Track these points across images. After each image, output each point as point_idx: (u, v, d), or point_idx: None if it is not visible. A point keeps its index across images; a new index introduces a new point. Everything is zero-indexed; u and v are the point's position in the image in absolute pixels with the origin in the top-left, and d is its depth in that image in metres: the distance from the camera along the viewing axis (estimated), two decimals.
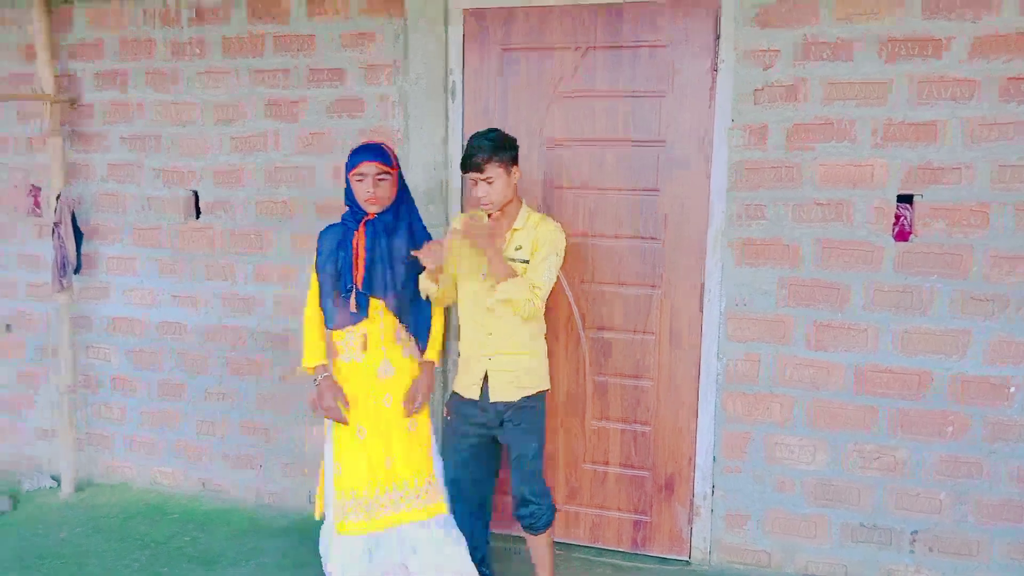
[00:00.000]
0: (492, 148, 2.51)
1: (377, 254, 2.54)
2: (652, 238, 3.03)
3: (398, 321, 2.61)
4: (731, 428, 3.02)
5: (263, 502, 3.63)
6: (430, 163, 3.19)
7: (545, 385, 2.71)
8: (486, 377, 2.62)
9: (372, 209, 2.54)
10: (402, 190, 2.63)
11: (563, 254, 2.64)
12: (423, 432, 2.68)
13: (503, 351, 2.61)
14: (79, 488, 3.74)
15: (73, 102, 3.59)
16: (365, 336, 2.58)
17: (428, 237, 2.65)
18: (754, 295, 2.95)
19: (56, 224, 3.51)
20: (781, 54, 2.83)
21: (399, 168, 2.61)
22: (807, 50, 2.81)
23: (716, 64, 2.89)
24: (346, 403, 2.58)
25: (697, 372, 3.03)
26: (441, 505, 2.66)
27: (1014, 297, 2.73)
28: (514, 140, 2.61)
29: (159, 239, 3.63)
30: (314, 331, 2.64)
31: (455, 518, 2.71)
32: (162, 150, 3.56)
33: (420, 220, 2.70)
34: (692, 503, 3.09)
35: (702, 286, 3.00)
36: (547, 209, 3.12)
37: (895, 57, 2.74)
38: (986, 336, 2.77)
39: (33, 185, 3.76)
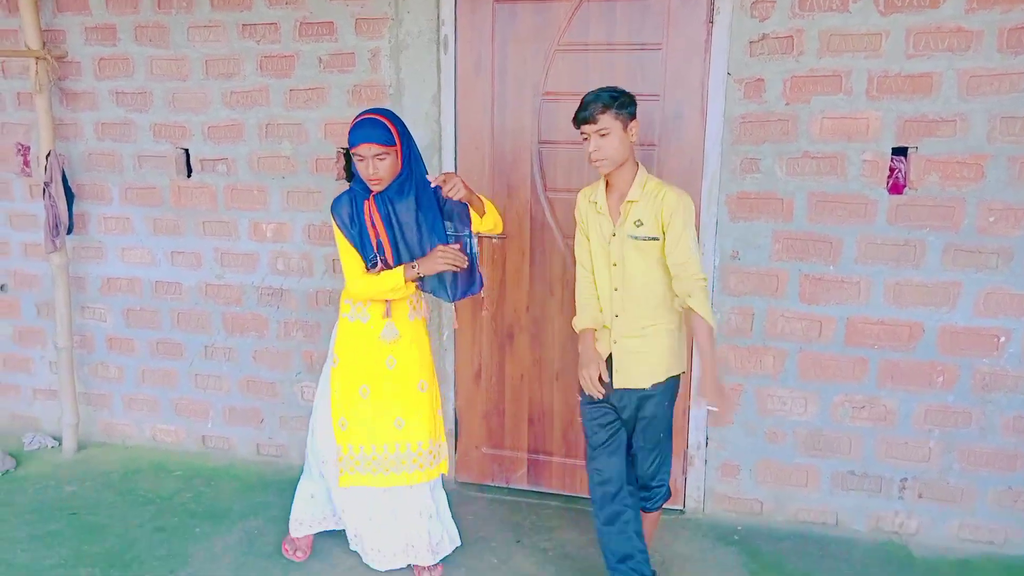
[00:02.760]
0: (610, 98, 2.29)
1: (393, 224, 2.48)
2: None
3: (415, 286, 2.55)
4: (724, 380, 3.06)
5: (265, 457, 3.69)
6: (422, 118, 3.17)
7: (678, 368, 2.47)
8: (610, 361, 2.44)
9: (376, 188, 2.46)
10: (408, 160, 2.49)
11: (695, 223, 2.39)
12: (433, 392, 2.68)
13: (629, 335, 2.42)
14: (80, 447, 3.79)
15: (60, 58, 3.53)
16: (387, 302, 2.54)
17: (439, 196, 2.53)
18: (748, 249, 2.97)
19: (46, 183, 3.48)
20: (777, 5, 2.79)
21: (402, 142, 2.46)
22: (804, 0, 2.77)
23: (712, 15, 2.86)
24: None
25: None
26: (444, 464, 2.71)
27: (1005, 249, 2.76)
28: (633, 97, 2.35)
29: (154, 197, 3.61)
30: (371, 277, 2.50)
31: (608, 532, 2.51)
32: (155, 106, 3.51)
33: (427, 182, 2.56)
34: (686, 454, 3.15)
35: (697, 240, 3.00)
36: (542, 164, 3.11)
37: (892, 7, 2.71)
38: (977, 288, 2.80)
39: (21, 144, 3.72)
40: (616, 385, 2.44)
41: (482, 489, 3.40)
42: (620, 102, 2.30)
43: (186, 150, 3.53)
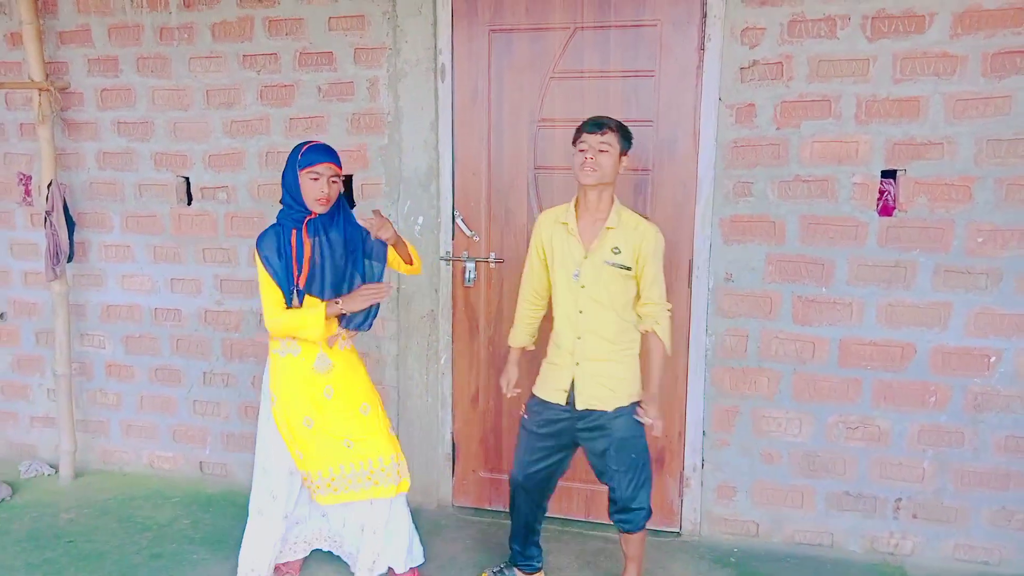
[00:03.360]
0: (618, 124, 2.45)
1: (322, 252, 2.51)
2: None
3: (337, 320, 2.56)
4: (720, 402, 3.09)
5: None
6: (420, 145, 3.22)
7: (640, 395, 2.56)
8: (573, 383, 2.51)
9: (319, 209, 2.49)
10: (340, 192, 2.59)
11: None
12: (377, 413, 2.65)
13: (594, 359, 2.49)
14: (78, 474, 3.78)
15: (63, 89, 3.59)
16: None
17: (364, 234, 2.58)
18: (741, 271, 3.01)
19: (48, 212, 3.52)
20: (767, 31, 2.86)
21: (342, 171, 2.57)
22: (793, 27, 2.84)
23: (703, 42, 2.93)
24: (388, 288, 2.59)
25: (686, 348, 3.09)
26: (405, 483, 2.66)
27: (994, 270, 2.80)
28: (631, 131, 2.51)
29: (154, 225, 3.65)
30: (289, 313, 2.50)
31: (515, 510, 2.72)
32: (156, 136, 3.57)
33: (354, 218, 2.64)
34: (682, 476, 3.16)
35: (691, 263, 3.05)
36: (538, 190, 3.16)
37: (879, 33, 2.78)
38: (967, 308, 2.83)
39: (23, 173, 3.77)
40: (579, 406, 2.50)
41: (479, 513, 3.40)
42: (625, 131, 2.47)
43: (187, 178, 3.58)
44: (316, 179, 2.47)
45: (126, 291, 3.74)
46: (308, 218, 2.52)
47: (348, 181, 3.37)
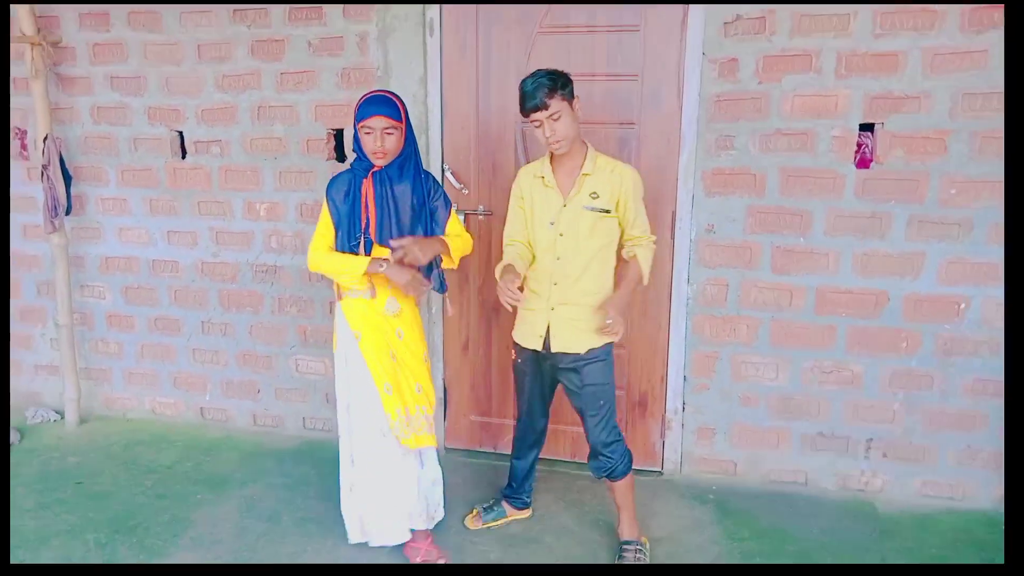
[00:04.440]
0: (551, 82, 2.38)
1: (384, 205, 2.54)
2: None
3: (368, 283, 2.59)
4: (700, 349, 3.21)
5: (261, 427, 3.83)
6: (409, 99, 3.27)
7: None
8: (548, 328, 2.58)
9: (379, 162, 2.51)
10: (409, 141, 2.58)
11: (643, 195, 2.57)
12: (429, 365, 2.75)
13: (568, 302, 2.56)
14: (83, 420, 3.92)
15: (56, 44, 3.61)
16: (371, 282, 2.58)
17: (436, 185, 2.63)
18: (723, 223, 3.10)
19: (44, 166, 3.58)
20: None
21: (406, 122, 2.54)
22: None
23: None
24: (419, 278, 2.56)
25: (669, 297, 3.20)
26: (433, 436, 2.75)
27: (966, 220, 2.89)
28: (568, 75, 2.46)
29: (150, 179, 3.71)
30: (334, 253, 2.58)
31: (517, 449, 2.94)
32: (149, 91, 3.61)
33: (424, 170, 2.66)
34: (664, 419, 3.30)
35: (674, 215, 3.14)
36: (525, 143, 3.23)
37: None
38: (939, 257, 2.94)
39: (19, 128, 3.81)
40: (553, 349, 2.58)
41: (470, 455, 3.55)
42: (562, 83, 2.41)
43: (180, 133, 3.63)
44: (370, 133, 2.47)
45: (124, 243, 3.82)
46: (373, 169, 2.54)
47: (339, 135, 3.44)
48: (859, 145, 2.95)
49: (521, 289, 2.50)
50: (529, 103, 2.41)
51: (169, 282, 3.80)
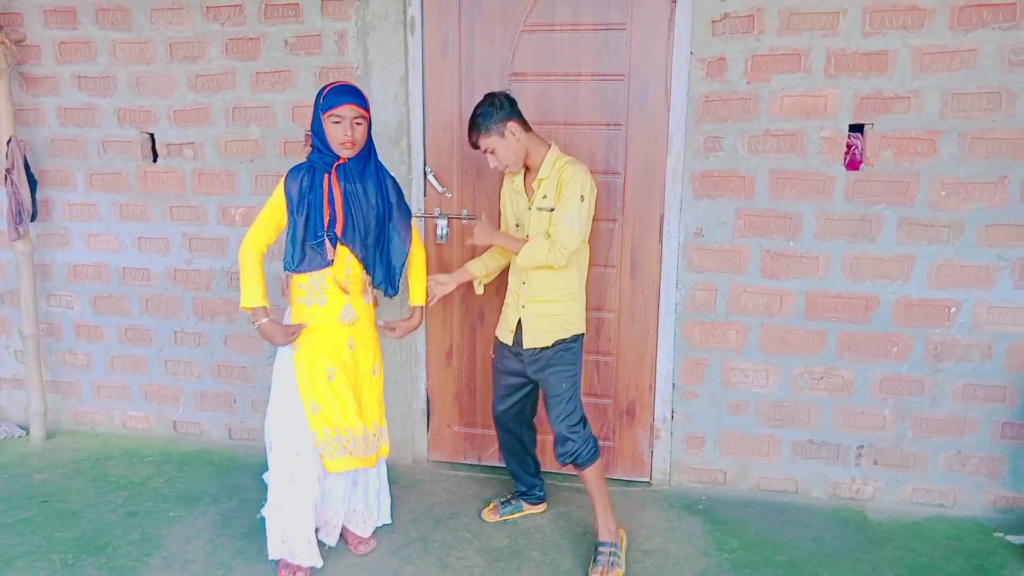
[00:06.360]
0: (480, 123, 2.54)
1: (355, 202, 2.48)
2: (614, 172, 3.08)
3: (363, 270, 2.56)
4: (689, 355, 3.14)
5: (237, 440, 3.70)
6: (390, 99, 3.19)
7: (578, 329, 2.70)
8: (520, 324, 2.71)
9: (346, 153, 2.44)
10: (370, 137, 2.54)
11: (591, 194, 2.57)
12: (381, 376, 2.71)
13: (536, 299, 2.67)
14: (49, 435, 3.77)
15: (19, 42, 3.48)
16: (333, 278, 2.51)
17: (396, 186, 2.61)
18: (711, 226, 3.04)
19: (8, 170, 3.44)
20: None
21: (369, 115, 2.48)
22: None
23: None
24: (297, 331, 2.52)
25: (657, 302, 3.13)
26: (385, 448, 2.72)
27: (956, 222, 2.86)
28: (503, 99, 2.56)
29: (120, 183, 3.58)
30: (258, 269, 2.49)
31: (502, 448, 3.00)
32: (119, 91, 3.48)
33: (386, 168, 2.62)
34: (653, 427, 3.23)
35: (661, 218, 3.07)
36: None
37: None
38: (929, 260, 2.90)
39: None
40: (525, 345, 2.71)
41: (454, 467, 3.46)
42: (485, 118, 2.55)
43: (152, 135, 3.51)
44: (338, 122, 2.40)
45: (92, 250, 3.68)
46: (337, 163, 2.47)
47: None
48: (849, 146, 2.91)
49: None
50: (469, 141, 2.62)
51: (140, 290, 3.67)
